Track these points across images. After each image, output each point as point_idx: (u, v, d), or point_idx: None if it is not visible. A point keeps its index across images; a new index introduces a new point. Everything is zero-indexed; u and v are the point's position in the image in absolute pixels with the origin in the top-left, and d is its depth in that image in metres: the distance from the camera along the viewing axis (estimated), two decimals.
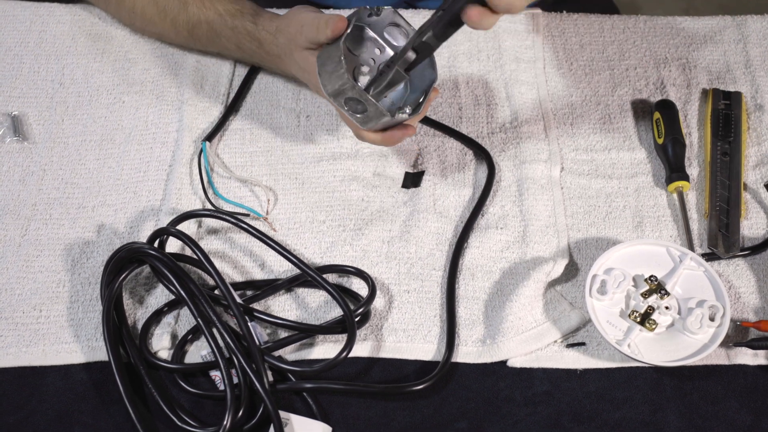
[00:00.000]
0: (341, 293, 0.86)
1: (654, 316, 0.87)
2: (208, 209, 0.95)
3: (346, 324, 0.85)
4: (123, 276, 0.86)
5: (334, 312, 0.90)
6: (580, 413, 0.85)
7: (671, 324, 0.88)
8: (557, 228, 0.96)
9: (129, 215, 0.97)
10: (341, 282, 0.92)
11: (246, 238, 0.95)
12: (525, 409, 0.85)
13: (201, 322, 0.84)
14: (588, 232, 0.97)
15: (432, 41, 0.82)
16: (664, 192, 1.00)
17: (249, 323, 0.84)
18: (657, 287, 0.89)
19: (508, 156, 1.02)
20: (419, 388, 0.84)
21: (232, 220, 0.92)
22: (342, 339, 0.86)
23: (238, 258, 0.94)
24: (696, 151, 1.03)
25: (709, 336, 0.86)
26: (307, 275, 0.88)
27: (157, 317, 0.89)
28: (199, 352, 0.86)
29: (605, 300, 0.88)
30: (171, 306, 0.89)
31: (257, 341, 0.84)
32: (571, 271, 0.94)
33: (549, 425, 0.84)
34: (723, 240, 0.95)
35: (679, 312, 0.88)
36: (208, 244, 0.95)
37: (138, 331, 0.87)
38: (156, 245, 0.90)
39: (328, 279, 0.89)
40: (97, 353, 0.87)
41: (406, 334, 0.89)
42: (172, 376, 0.85)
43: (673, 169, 0.99)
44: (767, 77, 1.10)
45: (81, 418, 0.83)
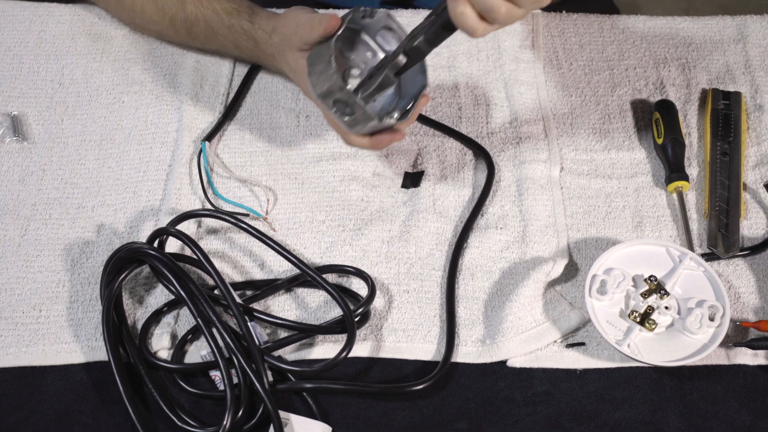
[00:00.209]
0: (341, 293, 0.86)
1: (654, 316, 0.87)
2: (207, 209, 0.95)
3: (345, 324, 0.85)
4: (123, 276, 0.86)
5: (333, 312, 0.90)
6: (579, 413, 0.85)
7: (671, 324, 0.88)
8: (557, 228, 0.96)
9: (128, 215, 0.97)
10: (341, 282, 0.92)
11: (245, 238, 0.95)
12: (525, 409, 0.85)
13: (201, 322, 0.84)
14: (588, 232, 0.97)
15: (423, 46, 0.82)
16: (663, 192, 1.00)
17: (249, 323, 0.84)
18: (657, 287, 0.89)
19: (507, 156, 1.02)
20: (419, 388, 0.84)
21: (231, 220, 0.92)
22: (342, 339, 0.86)
23: (237, 258, 0.94)
24: (695, 151, 1.03)
25: (709, 336, 0.86)
26: (307, 275, 0.88)
27: (157, 317, 0.89)
28: (199, 352, 0.86)
29: (605, 300, 0.88)
30: (171, 306, 0.89)
31: (257, 341, 0.84)
32: (571, 271, 0.94)
33: (549, 425, 0.84)
34: (722, 240, 0.95)
35: (679, 312, 0.88)
36: (207, 244, 0.95)
37: (138, 331, 0.87)
38: (156, 245, 0.90)
39: (327, 279, 0.89)
40: (97, 353, 0.87)
41: (405, 334, 0.89)
42: (171, 376, 0.85)
43: (673, 169, 0.99)
44: (767, 77, 1.10)
45: (81, 418, 0.83)
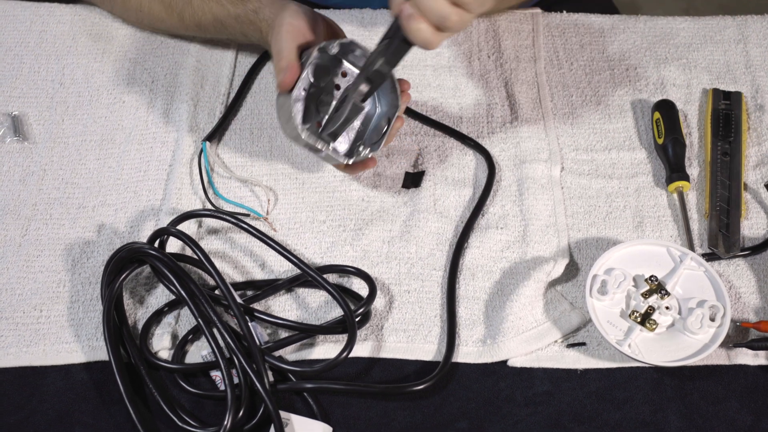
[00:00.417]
0: (342, 293, 0.86)
1: (654, 316, 0.87)
2: (208, 209, 0.95)
3: (346, 324, 0.85)
4: (123, 276, 0.86)
5: (334, 312, 0.90)
6: (580, 413, 0.85)
7: (671, 324, 0.88)
8: (557, 228, 0.96)
9: (129, 215, 0.97)
10: (341, 282, 0.92)
11: (246, 238, 0.95)
12: (525, 409, 0.85)
13: (201, 322, 0.84)
14: (588, 232, 0.97)
15: (384, 68, 0.84)
16: (664, 192, 1.00)
17: (249, 323, 0.84)
18: (657, 287, 0.89)
19: (508, 156, 1.02)
20: (420, 388, 0.84)
21: (232, 220, 0.92)
22: (342, 339, 0.86)
23: (238, 258, 0.94)
24: (696, 151, 1.03)
25: (710, 336, 0.86)
26: (308, 275, 0.88)
27: (158, 317, 0.89)
28: (200, 352, 0.86)
29: (606, 300, 0.88)
30: (171, 306, 0.89)
31: (258, 341, 0.84)
32: (572, 271, 0.94)
33: (549, 425, 0.84)
34: (723, 240, 0.95)
35: (680, 312, 0.88)
36: (208, 244, 0.95)
37: (138, 331, 0.87)
38: (156, 245, 0.90)
39: (328, 279, 0.89)
40: (98, 353, 0.87)
41: (406, 334, 0.89)
42: (172, 376, 0.85)
43: (674, 169, 0.99)
44: (767, 77, 1.10)
45: (81, 418, 0.83)
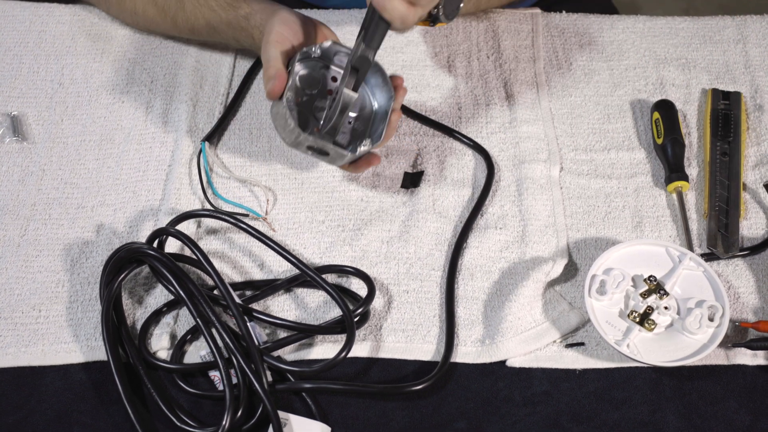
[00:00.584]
0: (340, 293, 0.86)
1: (653, 316, 0.87)
2: (207, 209, 0.95)
3: (345, 324, 0.85)
4: (122, 276, 0.86)
5: (333, 312, 0.90)
6: (579, 413, 0.85)
7: (670, 324, 0.88)
8: (556, 228, 0.96)
9: (128, 215, 0.97)
10: (340, 282, 0.92)
11: (245, 238, 0.95)
12: (524, 409, 0.85)
13: (200, 322, 0.84)
14: (587, 232, 0.97)
15: (366, 53, 0.87)
16: (663, 192, 1.00)
17: (248, 323, 0.84)
18: (656, 287, 0.89)
19: (507, 156, 1.02)
20: (418, 388, 0.84)
21: (231, 220, 0.92)
22: (341, 339, 0.86)
23: (237, 258, 0.94)
24: (695, 151, 1.03)
25: (708, 336, 0.86)
26: (307, 275, 0.88)
27: (156, 317, 0.89)
28: (198, 352, 0.86)
29: (604, 300, 0.88)
30: (170, 306, 0.89)
31: (256, 341, 0.84)
32: (571, 271, 0.94)
33: (548, 425, 0.84)
34: (722, 240, 0.94)
35: (678, 312, 0.88)
36: (207, 244, 0.95)
37: (137, 331, 0.87)
38: (155, 245, 0.90)
39: (327, 279, 0.89)
40: (96, 353, 0.87)
41: (405, 334, 0.89)
42: (171, 376, 0.85)
43: (673, 169, 0.99)
44: (767, 77, 1.10)
45: (80, 418, 0.83)
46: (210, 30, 1.03)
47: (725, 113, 1.04)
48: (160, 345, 0.87)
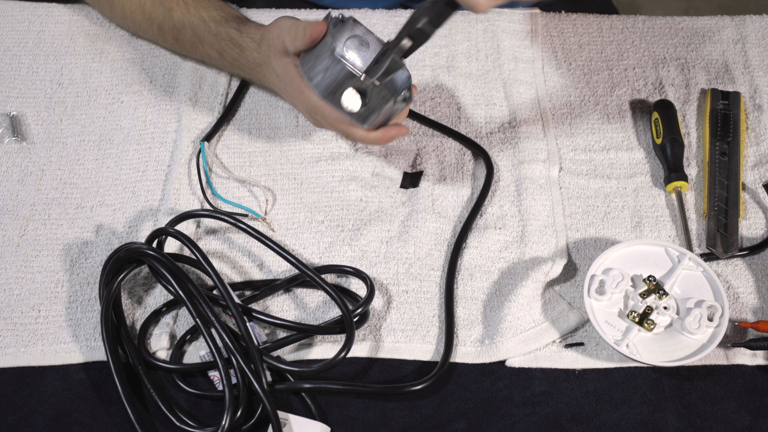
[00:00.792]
0: (340, 293, 0.86)
1: (652, 316, 0.87)
2: (206, 209, 0.95)
3: (344, 324, 0.85)
4: (121, 276, 0.86)
5: (332, 312, 0.90)
6: (578, 413, 0.85)
7: (670, 324, 0.88)
8: (556, 228, 0.96)
9: (127, 215, 0.97)
10: (340, 282, 0.92)
11: (244, 238, 0.95)
12: (523, 409, 0.85)
13: (199, 322, 0.84)
14: (586, 232, 0.97)
15: (427, 27, 0.83)
16: (662, 192, 1.00)
17: (247, 323, 0.84)
18: (655, 287, 0.89)
19: (506, 156, 1.02)
20: (418, 388, 0.84)
21: (230, 220, 0.92)
22: (340, 339, 0.86)
23: (236, 258, 0.94)
24: (694, 151, 1.03)
25: (708, 336, 0.86)
26: (306, 275, 0.88)
27: (156, 317, 0.89)
28: (198, 352, 0.86)
29: (604, 300, 0.88)
30: (169, 306, 0.89)
31: (256, 341, 0.84)
32: (570, 271, 0.94)
33: (547, 425, 0.84)
34: (721, 240, 0.95)
35: (678, 312, 0.88)
36: (206, 244, 0.95)
37: (136, 331, 0.87)
38: (154, 245, 0.90)
39: (326, 279, 0.89)
40: (96, 353, 0.87)
41: (404, 334, 0.89)
42: (170, 376, 0.85)
43: (672, 169, 0.99)
44: (766, 77, 1.10)
45: (80, 418, 0.83)
46: (194, 41, 1.02)
47: (724, 113, 1.04)
48: (159, 345, 0.87)
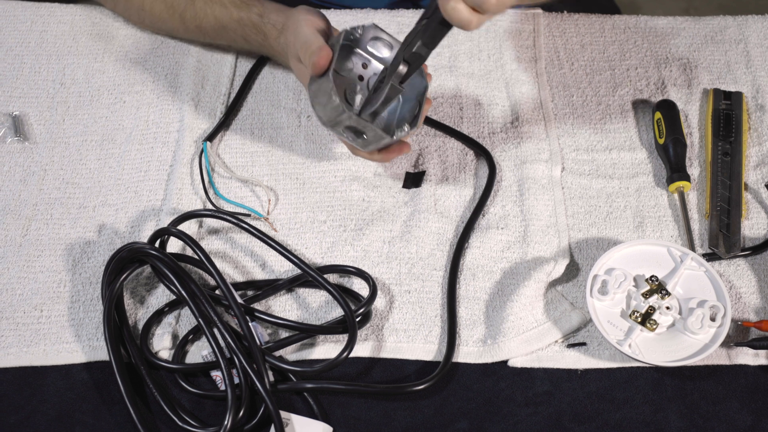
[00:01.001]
0: (342, 293, 0.86)
1: (655, 316, 0.87)
2: (209, 209, 0.95)
3: (347, 324, 0.85)
4: (124, 276, 0.86)
5: (335, 312, 0.90)
6: (580, 413, 0.85)
7: (672, 324, 0.88)
8: (558, 228, 0.96)
9: (130, 215, 0.97)
10: (342, 282, 0.92)
11: (247, 238, 0.95)
12: (526, 409, 0.85)
13: (202, 322, 0.84)
14: (589, 232, 0.97)
15: (422, 50, 0.83)
16: (665, 192, 1.00)
17: (250, 323, 0.84)
18: (658, 287, 0.89)
19: (508, 156, 1.02)
20: (420, 388, 0.84)
21: (232, 220, 0.92)
22: (343, 339, 0.86)
23: (239, 258, 0.94)
24: (697, 151, 1.03)
25: (710, 336, 0.86)
26: (308, 275, 0.88)
27: (158, 317, 0.89)
28: (200, 352, 0.86)
29: (606, 300, 0.88)
30: (172, 306, 0.89)
31: (258, 341, 0.84)
32: (572, 271, 0.94)
33: (550, 425, 0.84)
34: (724, 240, 0.94)
35: (680, 312, 0.88)
36: (209, 244, 0.95)
37: (139, 331, 0.87)
38: (157, 245, 0.90)
39: (329, 279, 0.89)
40: (98, 353, 0.87)
41: (406, 334, 0.89)
42: (172, 376, 0.85)
43: (674, 169, 0.99)
44: (767, 77, 1.10)
45: (82, 418, 0.83)
46: (218, 28, 1.03)
47: (727, 113, 1.04)
48: (161, 345, 0.87)
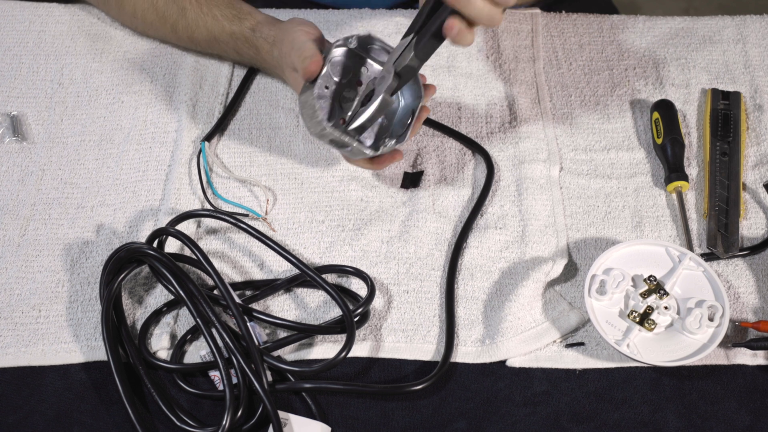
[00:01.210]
0: (340, 293, 0.86)
1: (653, 316, 0.87)
2: (207, 209, 0.95)
3: (345, 324, 0.85)
4: (122, 276, 0.86)
5: (333, 312, 0.90)
6: (579, 413, 0.85)
7: (670, 324, 0.88)
8: (556, 228, 0.96)
9: (128, 215, 0.97)
10: (340, 282, 0.92)
11: (245, 238, 0.95)
12: (524, 409, 0.85)
13: (200, 322, 0.84)
14: (587, 232, 0.97)
15: (415, 63, 0.84)
16: (663, 192, 1.00)
17: (248, 323, 0.84)
18: (656, 287, 0.89)
19: (507, 156, 1.02)
20: (418, 388, 0.84)
21: (231, 220, 0.92)
22: (341, 339, 0.86)
23: (237, 258, 0.94)
24: (695, 151, 1.03)
25: (708, 336, 0.86)
26: (306, 275, 0.88)
27: (156, 317, 0.89)
28: (198, 352, 0.86)
29: (604, 300, 0.88)
30: (170, 306, 0.89)
31: (256, 341, 0.84)
32: (570, 271, 0.94)
33: (548, 425, 0.84)
34: (722, 240, 0.95)
35: (678, 312, 0.88)
36: (207, 244, 0.95)
37: (137, 331, 0.87)
38: (155, 245, 0.90)
39: (327, 279, 0.89)
40: (96, 353, 0.87)
41: (405, 334, 0.89)
42: (171, 376, 0.85)
43: (672, 169, 0.99)
44: (766, 77, 1.10)
45: (80, 418, 0.83)
46: (210, 40, 1.03)
47: (725, 113, 1.04)
48: (160, 345, 0.87)
